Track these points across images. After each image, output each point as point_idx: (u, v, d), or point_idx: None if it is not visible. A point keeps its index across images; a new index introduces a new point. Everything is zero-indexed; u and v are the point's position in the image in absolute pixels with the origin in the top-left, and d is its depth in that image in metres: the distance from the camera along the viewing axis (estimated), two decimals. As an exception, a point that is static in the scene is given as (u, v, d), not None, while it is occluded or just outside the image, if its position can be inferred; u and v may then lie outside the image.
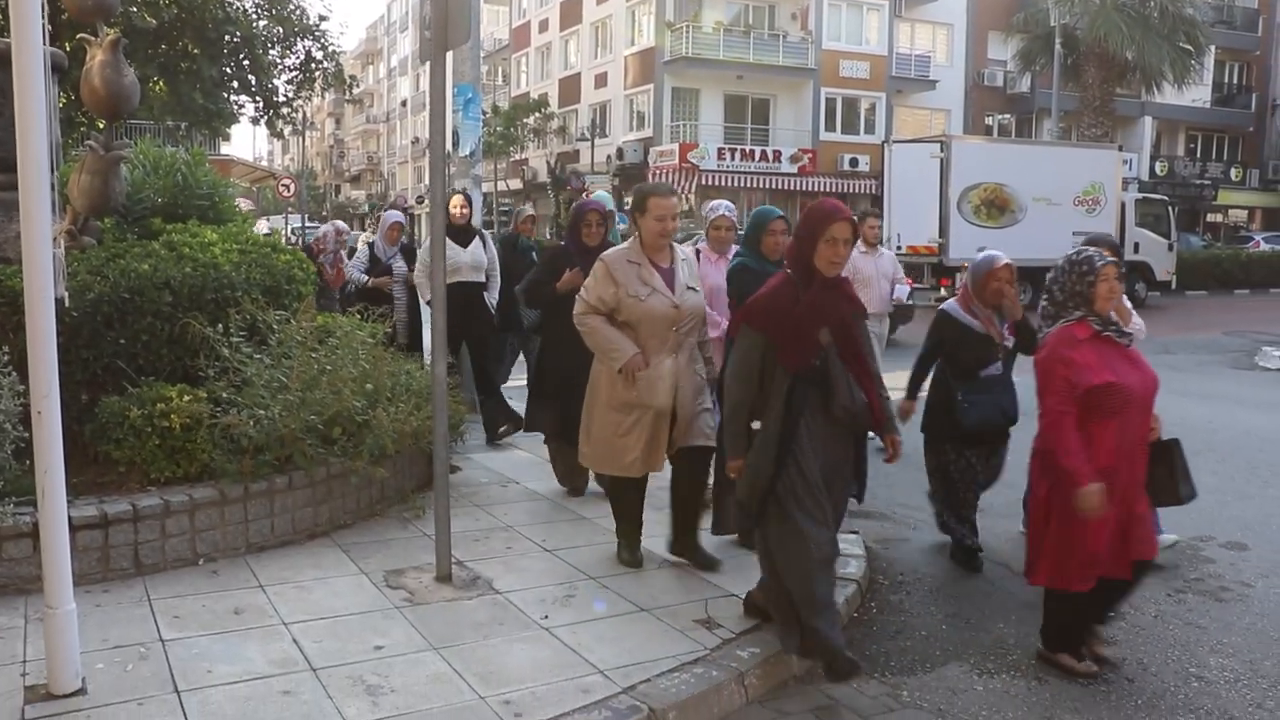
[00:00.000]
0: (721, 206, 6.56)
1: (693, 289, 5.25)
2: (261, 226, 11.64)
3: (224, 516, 5.29)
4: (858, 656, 4.59)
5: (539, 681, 4.01)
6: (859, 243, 8.56)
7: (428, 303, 7.37)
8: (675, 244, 5.47)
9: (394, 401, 6.08)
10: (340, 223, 10.32)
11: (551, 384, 6.55)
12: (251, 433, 5.33)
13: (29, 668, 3.96)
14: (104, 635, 4.28)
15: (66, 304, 5.01)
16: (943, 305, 6.08)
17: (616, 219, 7.37)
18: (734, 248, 6.33)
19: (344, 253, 9.74)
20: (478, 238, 8.46)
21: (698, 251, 6.42)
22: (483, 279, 8.41)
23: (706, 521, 5.60)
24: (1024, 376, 5.08)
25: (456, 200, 8.31)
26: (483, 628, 4.54)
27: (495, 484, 7.07)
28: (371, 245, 9.42)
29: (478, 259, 8.34)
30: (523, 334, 8.98)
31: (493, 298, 8.53)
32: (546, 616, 4.69)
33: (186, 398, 5.49)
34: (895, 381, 5.18)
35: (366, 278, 9.15)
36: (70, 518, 4.11)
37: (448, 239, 6.62)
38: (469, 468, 7.43)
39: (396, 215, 9.56)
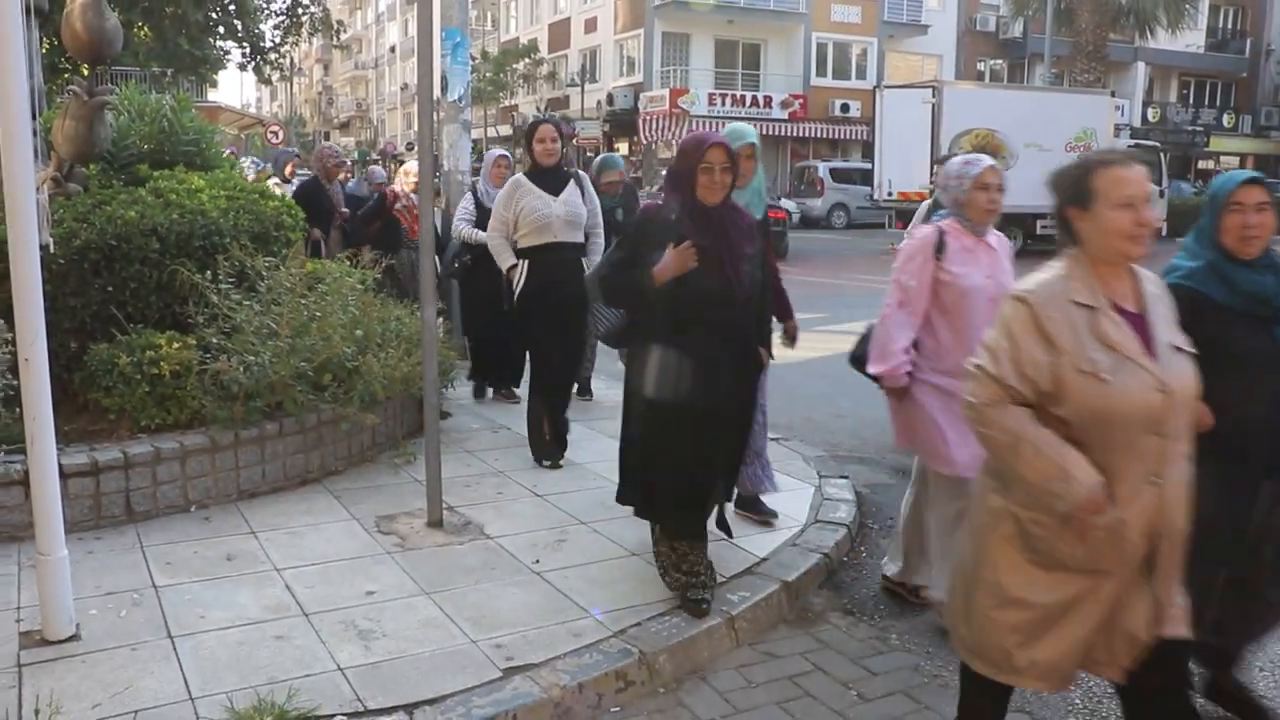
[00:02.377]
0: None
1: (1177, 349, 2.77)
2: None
3: (215, 463, 5.29)
4: (848, 600, 4.65)
5: (530, 625, 4.05)
6: None
7: (508, 273, 6.23)
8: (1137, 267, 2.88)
9: (384, 348, 6.07)
10: (414, 164, 8.53)
11: (662, 460, 4.31)
12: (242, 379, 5.32)
13: (23, 614, 3.98)
14: (97, 582, 4.30)
15: (52, 250, 4.97)
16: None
17: (757, 165, 5.22)
18: None
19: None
20: (573, 182, 6.33)
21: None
22: (580, 238, 6.35)
23: None
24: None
25: (544, 133, 6.26)
26: (474, 572, 4.57)
27: (486, 430, 7.08)
28: (474, 189, 7.95)
29: (574, 211, 6.20)
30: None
31: (593, 262, 6.11)
32: (538, 561, 4.72)
33: (176, 345, 5.47)
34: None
35: (477, 231, 7.40)
36: (61, 465, 4.12)
37: (534, 185, 6.12)
38: (460, 414, 7.44)
39: (499, 151, 8.16)
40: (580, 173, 6.68)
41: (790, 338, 5.35)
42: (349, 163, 9.97)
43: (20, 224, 3.59)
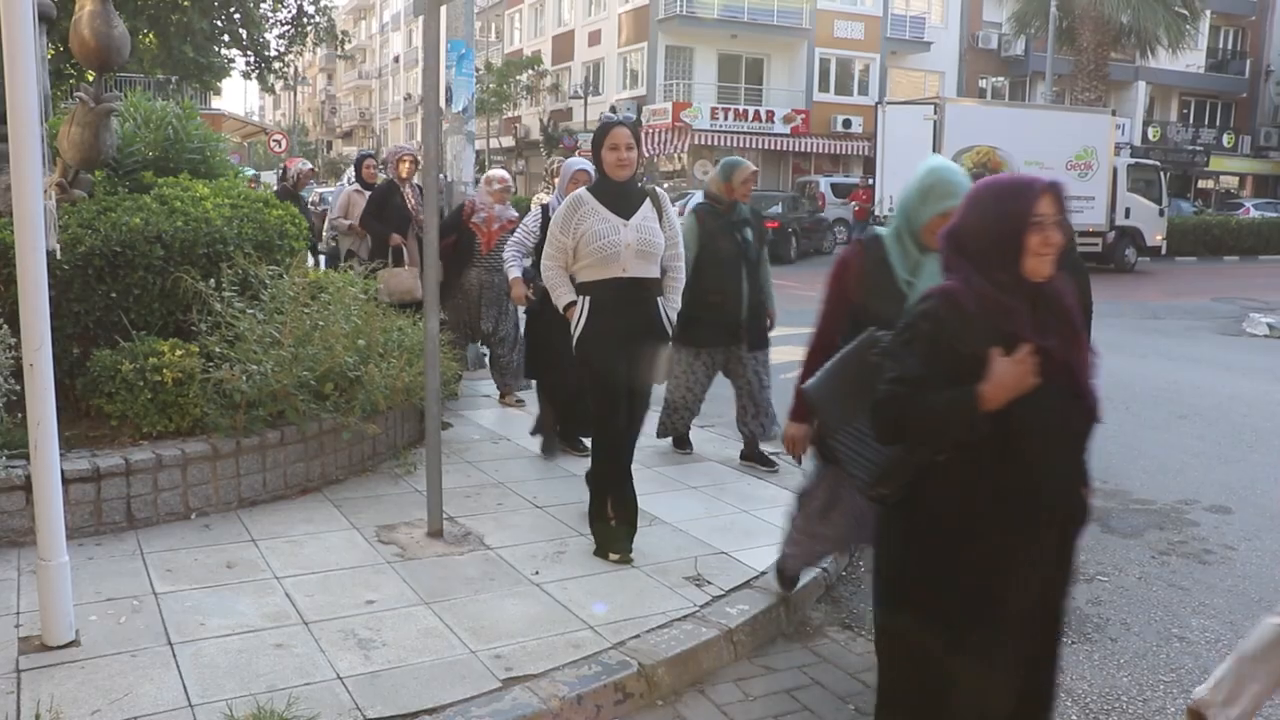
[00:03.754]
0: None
1: None
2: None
3: (216, 471, 5.30)
4: (846, 614, 4.65)
5: (530, 636, 4.05)
6: None
7: (564, 311, 5.05)
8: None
9: (386, 357, 6.09)
10: (498, 171, 8.42)
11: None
12: (244, 387, 5.33)
13: (23, 619, 3.98)
14: (97, 588, 4.31)
15: (58, 256, 4.99)
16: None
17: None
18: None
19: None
20: (648, 201, 5.05)
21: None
22: (656, 271, 5.04)
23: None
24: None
25: (618, 138, 4.93)
26: (474, 583, 4.58)
27: (487, 440, 7.08)
28: (546, 207, 6.83)
29: (648, 239, 4.94)
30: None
31: (673, 303, 5.13)
32: (537, 572, 4.72)
33: (179, 352, 5.48)
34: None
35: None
36: (63, 471, 4.12)
37: (599, 204, 4.93)
38: (461, 424, 7.45)
39: (582, 163, 6.86)
40: (659, 189, 5.28)
41: None
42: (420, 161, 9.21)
43: (27, 229, 3.61)
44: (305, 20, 20.26)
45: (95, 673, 3.61)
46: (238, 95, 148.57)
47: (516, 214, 8.07)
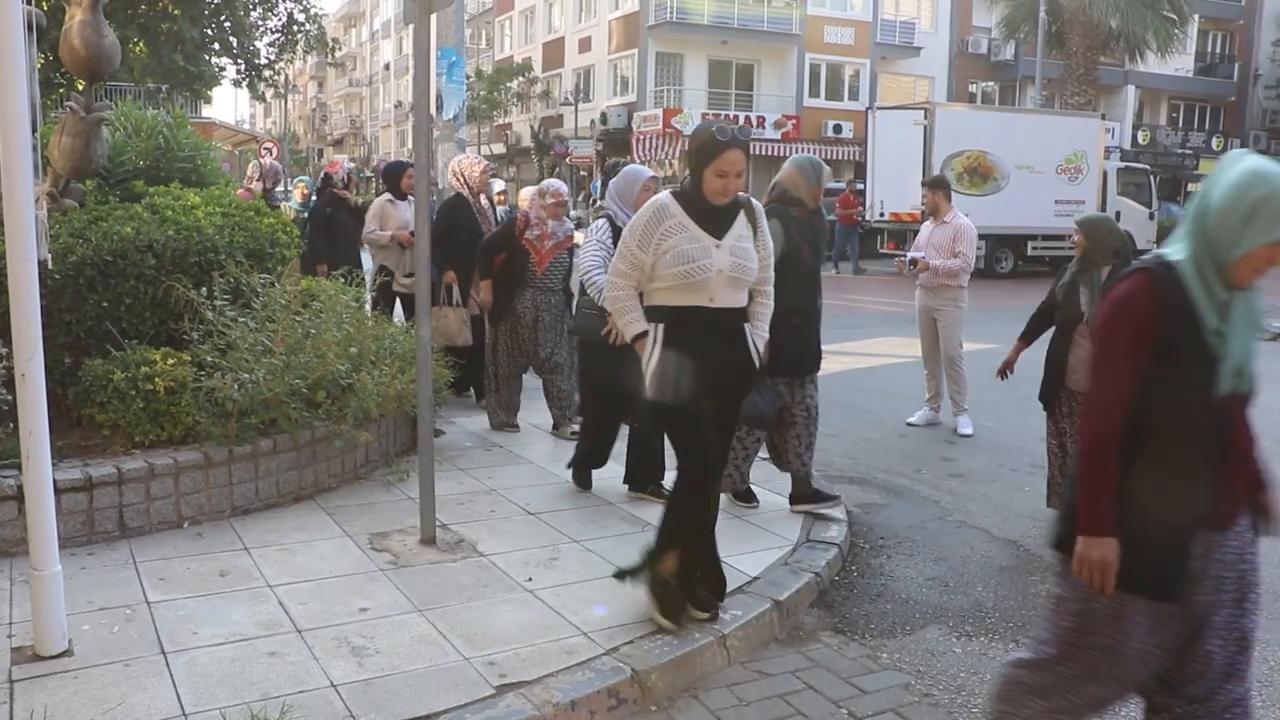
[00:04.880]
0: None
1: None
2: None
3: (208, 479, 5.30)
4: (839, 619, 4.66)
5: (523, 643, 4.05)
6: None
7: (634, 342, 4.30)
8: None
9: (378, 365, 6.09)
10: (554, 182, 7.43)
11: None
12: (236, 396, 5.33)
13: (15, 629, 3.98)
14: (90, 597, 4.30)
15: (49, 266, 4.99)
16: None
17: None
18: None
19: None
20: (742, 215, 4.29)
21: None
22: (744, 299, 4.36)
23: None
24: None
25: (731, 163, 4.09)
26: (467, 590, 4.58)
27: (479, 448, 7.09)
28: (610, 217, 6.08)
29: (742, 263, 4.22)
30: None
31: (761, 332, 4.45)
32: (530, 579, 4.73)
33: (170, 361, 5.48)
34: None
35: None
36: (55, 480, 4.11)
37: (687, 218, 4.18)
38: (453, 431, 7.45)
39: (645, 171, 6.25)
40: (752, 200, 4.42)
41: None
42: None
43: (19, 239, 3.61)
44: (295, 28, 20.23)
45: (88, 682, 3.60)
46: (228, 104, 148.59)
47: (574, 229, 7.51)
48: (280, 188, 9.27)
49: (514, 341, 7.33)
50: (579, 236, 7.78)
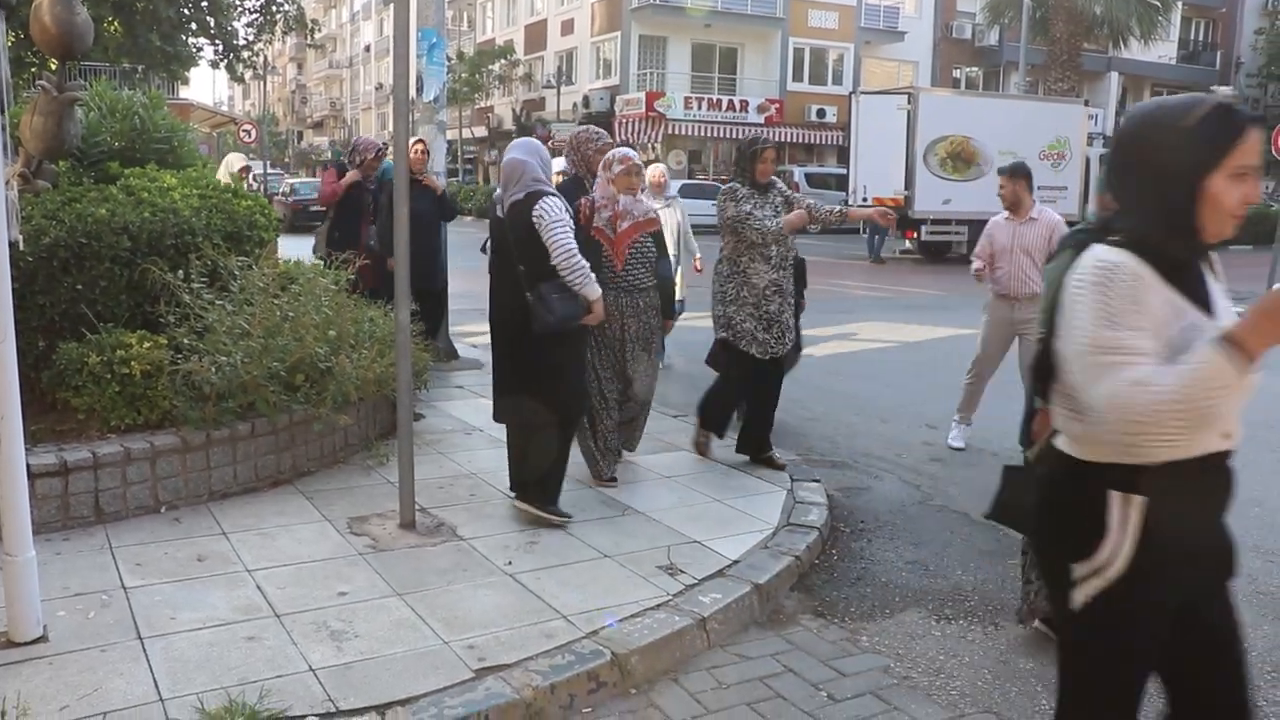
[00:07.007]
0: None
1: None
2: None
3: (186, 464, 5.26)
4: (819, 603, 4.67)
5: (502, 626, 4.04)
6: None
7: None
8: None
9: (357, 348, 6.05)
10: (623, 150, 5.93)
11: None
12: (213, 379, 5.28)
13: (-11, 614, 3.95)
14: (65, 583, 4.26)
15: (21, 247, 4.92)
16: None
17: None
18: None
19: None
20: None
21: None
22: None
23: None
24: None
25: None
26: (446, 574, 4.56)
27: (459, 431, 7.06)
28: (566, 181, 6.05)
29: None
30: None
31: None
32: (510, 562, 4.71)
33: (147, 344, 5.43)
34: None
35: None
36: (28, 465, 4.07)
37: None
38: (433, 415, 7.42)
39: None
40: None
41: None
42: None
43: (-11, 220, 3.56)
44: (274, 8, 20.10)
45: (64, 668, 3.57)
46: (206, 85, 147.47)
47: (654, 207, 6.26)
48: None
49: (597, 357, 5.92)
50: (666, 215, 7.44)
